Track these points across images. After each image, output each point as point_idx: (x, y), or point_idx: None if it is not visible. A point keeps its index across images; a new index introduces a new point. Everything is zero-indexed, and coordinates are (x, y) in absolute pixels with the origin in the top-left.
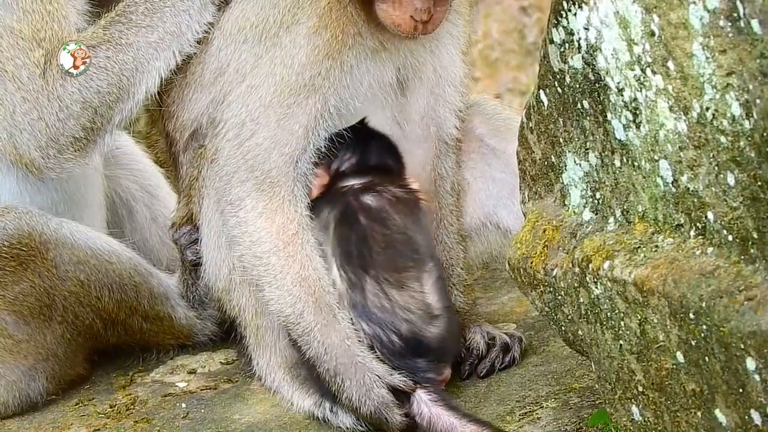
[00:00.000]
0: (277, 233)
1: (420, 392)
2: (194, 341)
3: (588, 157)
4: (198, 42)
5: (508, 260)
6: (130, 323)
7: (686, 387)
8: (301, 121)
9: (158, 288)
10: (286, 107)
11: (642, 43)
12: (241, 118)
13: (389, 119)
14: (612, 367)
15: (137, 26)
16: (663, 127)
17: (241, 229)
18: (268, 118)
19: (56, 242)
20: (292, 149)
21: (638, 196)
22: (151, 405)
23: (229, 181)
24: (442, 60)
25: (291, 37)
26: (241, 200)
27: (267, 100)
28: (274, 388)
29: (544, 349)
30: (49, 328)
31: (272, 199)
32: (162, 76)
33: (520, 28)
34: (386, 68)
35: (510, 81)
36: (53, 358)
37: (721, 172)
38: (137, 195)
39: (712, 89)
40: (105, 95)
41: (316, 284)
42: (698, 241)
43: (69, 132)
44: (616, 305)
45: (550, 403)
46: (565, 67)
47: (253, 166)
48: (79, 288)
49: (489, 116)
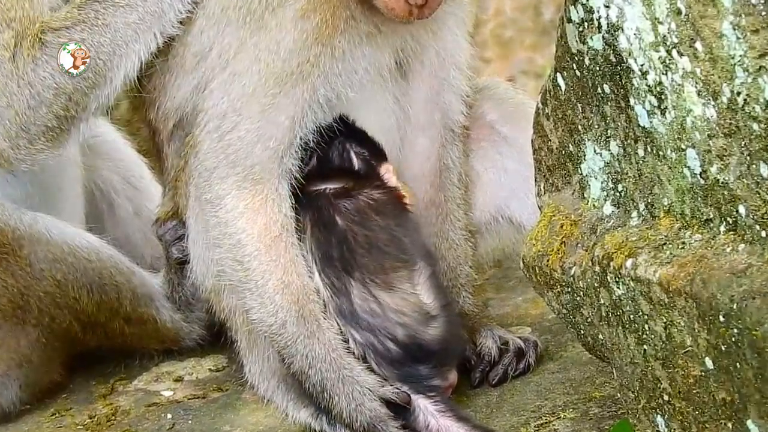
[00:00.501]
0: (258, 236)
1: (425, 402)
2: (180, 346)
3: (609, 146)
4: (181, 23)
5: (523, 258)
6: (111, 326)
7: (716, 395)
8: (288, 112)
9: (141, 288)
10: (272, 97)
11: (667, 22)
12: (223, 108)
13: (390, 104)
14: (635, 374)
15: (115, 5)
16: (690, 114)
17: (220, 230)
18: (252, 109)
19: (30, 238)
20: (277, 143)
21: (663, 188)
22: (134, 415)
23: (209, 178)
24: (445, 42)
25: (277, 20)
26: (221, 199)
27: (250, 90)
28: (267, 396)
29: (562, 354)
30: (23, 331)
31: (254, 198)
32: (142, 59)
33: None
34: (383, 53)
35: (524, 62)
36: (27, 364)
37: (754, 162)
38: (119, 187)
39: (744, 72)
40: (79, 80)
41: (299, 291)
42: (729, 237)
43: (41, 120)
44: (640, 307)
45: (568, 414)
46: (584, 48)
47: (235, 162)
48: (56, 288)
49: (500, 101)
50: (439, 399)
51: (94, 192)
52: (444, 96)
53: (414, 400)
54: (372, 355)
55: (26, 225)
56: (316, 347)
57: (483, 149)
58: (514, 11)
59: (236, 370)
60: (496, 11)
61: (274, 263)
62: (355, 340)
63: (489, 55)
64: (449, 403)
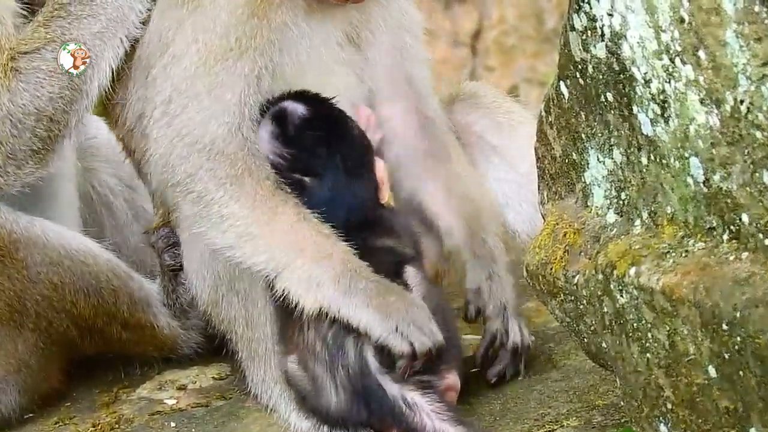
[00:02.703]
0: (251, 194)
1: (421, 400)
2: (179, 354)
3: (612, 154)
4: (144, 23)
5: (526, 266)
6: (108, 331)
7: (719, 404)
8: (234, 88)
9: (139, 293)
10: (214, 75)
11: (671, 31)
12: (167, 93)
13: (353, 78)
14: (638, 383)
15: (78, 18)
16: (693, 122)
17: (203, 203)
18: (197, 88)
19: (27, 241)
20: (230, 118)
21: (667, 196)
22: (138, 424)
23: (168, 163)
24: (391, 11)
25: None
26: (194, 173)
27: (192, 70)
28: (270, 405)
29: (565, 362)
30: (20, 336)
31: (233, 167)
32: (113, 66)
33: (538, 13)
34: (328, 26)
35: (527, 70)
36: (26, 368)
37: (757, 170)
38: (116, 189)
39: (747, 80)
40: (58, 100)
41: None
42: (732, 245)
43: (26, 146)
44: (643, 315)
45: (572, 422)
46: (588, 57)
47: (192, 142)
48: (53, 291)
49: (488, 110)
50: (436, 398)
51: (91, 195)
52: (406, 65)
53: (410, 397)
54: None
55: (22, 228)
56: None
57: (473, 159)
58: (516, 19)
59: (239, 379)
60: (499, 20)
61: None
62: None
63: (492, 63)
64: (447, 405)
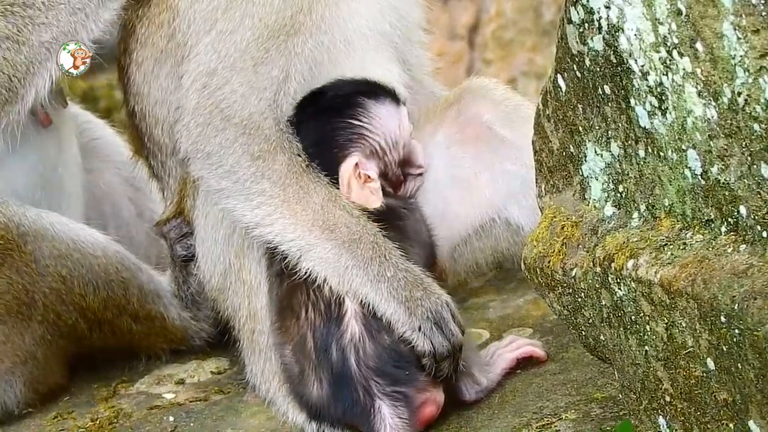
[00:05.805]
0: (282, 171)
1: (387, 410)
2: (189, 345)
3: (610, 147)
4: (94, 42)
5: (524, 259)
6: (118, 324)
7: (717, 396)
8: (281, 65)
9: (149, 284)
10: (264, 51)
11: (668, 23)
12: (212, 66)
13: (393, 60)
14: (637, 375)
15: (33, 22)
16: (691, 114)
17: (233, 178)
18: (245, 63)
19: (35, 234)
20: (272, 93)
21: (664, 189)
22: (136, 418)
23: (203, 132)
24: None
25: None
26: (228, 147)
27: (243, 45)
28: (268, 398)
29: (563, 356)
30: (28, 328)
31: (267, 142)
32: (54, 78)
33: (535, 6)
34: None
35: (525, 63)
36: (32, 361)
37: (755, 162)
38: (120, 189)
39: (744, 72)
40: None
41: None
42: (730, 237)
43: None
44: (641, 308)
45: (570, 415)
46: (585, 49)
47: (230, 115)
48: (61, 284)
49: (497, 102)
50: (404, 411)
51: (96, 195)
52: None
53: (377, 404)
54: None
55: (30, 221)
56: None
57: (479, 150)
58: (514, 12)
59: (238, 372)
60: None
61: (307, 193)
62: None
63: (490, 57)
64: (411, 422)
